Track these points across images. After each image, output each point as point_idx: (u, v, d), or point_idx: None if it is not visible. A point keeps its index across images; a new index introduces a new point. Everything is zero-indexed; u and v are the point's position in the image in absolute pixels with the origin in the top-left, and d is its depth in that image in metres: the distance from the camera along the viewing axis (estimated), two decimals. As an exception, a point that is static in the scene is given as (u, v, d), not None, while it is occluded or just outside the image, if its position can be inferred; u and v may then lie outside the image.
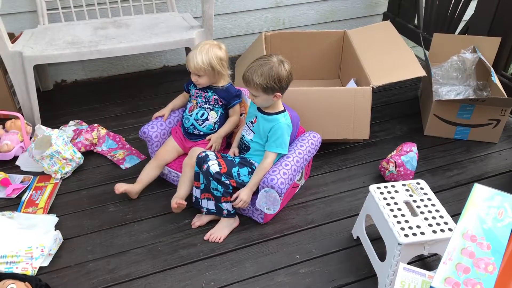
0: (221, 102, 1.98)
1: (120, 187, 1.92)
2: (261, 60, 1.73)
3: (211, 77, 1.92)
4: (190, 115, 2.00)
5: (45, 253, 1.66)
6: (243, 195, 1.75)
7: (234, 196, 1.77)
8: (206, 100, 1.97)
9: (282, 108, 1.81)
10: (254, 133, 1.83)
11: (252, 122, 1.84)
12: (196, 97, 2.00)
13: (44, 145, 2.04)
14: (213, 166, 1.73)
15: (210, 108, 1.98)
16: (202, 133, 2.00)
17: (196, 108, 1.99)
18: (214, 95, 1.97)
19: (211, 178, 1.73)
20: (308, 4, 3.22)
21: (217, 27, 3.04)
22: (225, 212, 1.78)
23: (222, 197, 1.75)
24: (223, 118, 2.02)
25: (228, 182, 1.75)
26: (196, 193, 1.84)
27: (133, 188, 1.94)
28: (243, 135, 1.89)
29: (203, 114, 1.98)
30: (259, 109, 1.82)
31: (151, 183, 1.99)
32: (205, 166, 1.74)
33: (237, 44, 3.22)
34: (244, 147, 1.89)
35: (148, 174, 1.97)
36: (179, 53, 3.10)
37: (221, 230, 1.81)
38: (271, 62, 1.70)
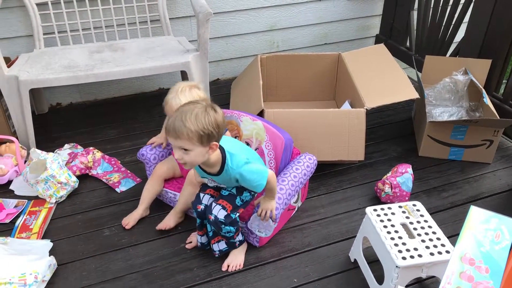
0: None
1: (130, 222, 1.91)
2: (189, 105, 1.43)
3: None
4: None
5: (39, 279, 1.63)
6: (264, 205, 1.66)
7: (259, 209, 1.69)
8: None
9: (221, 154, 1.55)
10: (225, 185, 1.68)
11: (212, 181, 1.67)
12: None
13: (39, 169, 2.03)
14: (220, 212, 1.61)
15: None
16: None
17: None
18: None
19: (222, 226, 1.62)
20: (302, 27, 3.27)
21: (212, 50, 3.07)
22: (237, 243, 1.75)
23: (235, 233, 1.70)
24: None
25: (236, 215, 1.66)
26: (202, 239, 1.78)
27: (141, 214, 1.95)
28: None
29: None
30: (205, 172, 1.60)
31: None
32: (212, 217, 1.61)
33: (232, 67, 3.25)
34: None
35: (150, 192, 1.96)
36: (174, 76, 3.11)
37: (237, 257, 1.77)
38: (201, 106, 1.42)
